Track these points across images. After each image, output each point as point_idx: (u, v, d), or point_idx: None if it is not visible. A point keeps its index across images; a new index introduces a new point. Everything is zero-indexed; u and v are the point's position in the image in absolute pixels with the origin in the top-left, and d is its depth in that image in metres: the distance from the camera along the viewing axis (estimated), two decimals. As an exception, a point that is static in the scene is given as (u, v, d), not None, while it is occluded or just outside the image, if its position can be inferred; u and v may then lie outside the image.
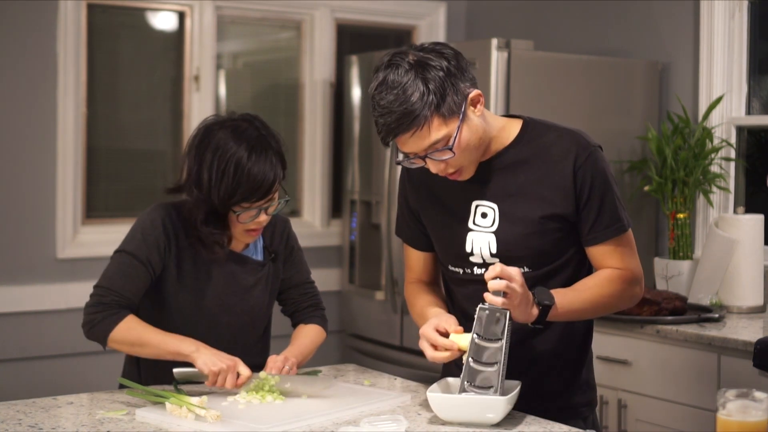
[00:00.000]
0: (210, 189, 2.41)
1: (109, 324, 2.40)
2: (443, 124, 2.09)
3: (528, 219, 2.20)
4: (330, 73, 4.86)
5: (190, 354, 2.35)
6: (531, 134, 2.24)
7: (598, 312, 2.27)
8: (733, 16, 4.01)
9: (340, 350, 4.72)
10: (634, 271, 2.27)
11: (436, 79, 2.08)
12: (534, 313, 2.12)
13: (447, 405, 2.11)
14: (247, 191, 2.40)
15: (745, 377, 3.09)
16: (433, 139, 2.10)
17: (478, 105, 2.15)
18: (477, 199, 2.24)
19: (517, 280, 2.07)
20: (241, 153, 2.39)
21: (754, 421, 1.68)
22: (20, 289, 4.14)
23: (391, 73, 2.09)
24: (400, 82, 2.07)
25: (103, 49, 4.40)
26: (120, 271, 2.46)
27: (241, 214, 2.44)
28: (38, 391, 3.33)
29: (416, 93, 2.06)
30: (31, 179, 4.17)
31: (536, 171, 2.21)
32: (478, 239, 2.24)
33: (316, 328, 2.68)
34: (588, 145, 2.22)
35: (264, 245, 2.63)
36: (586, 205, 2.20)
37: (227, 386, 2.32)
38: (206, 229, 2.45)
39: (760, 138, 4.07)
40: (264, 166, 2.40)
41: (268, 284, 2.62)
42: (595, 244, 2.23)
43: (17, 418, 2.19)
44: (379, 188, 4.38)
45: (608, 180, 2.22)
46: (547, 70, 4.02)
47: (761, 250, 3.69)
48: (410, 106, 2.06)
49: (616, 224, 2.22)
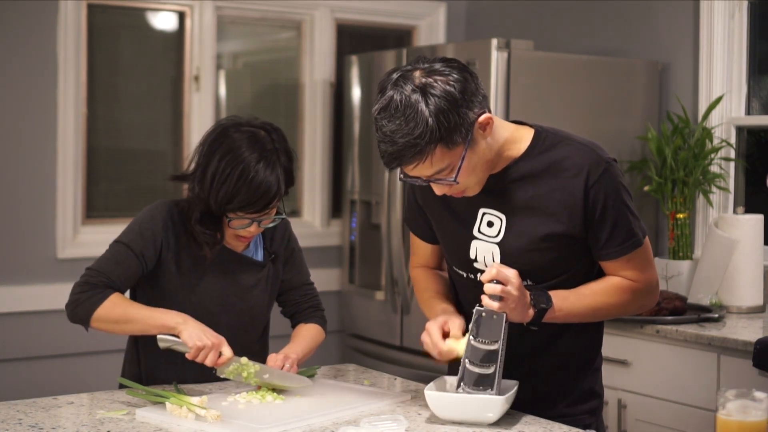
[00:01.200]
0: (210, 189, 2.40)
1: (93, 303, 2.39)
2: (447, 154, 2.02)
3: (532, 235, 2.15)
4: (330, 73, 4.86)
5: (176, 326, 2.34)
6: (543, 146, 2.16)
7: (599, 318, 2.24)
8: (732, 16, 4.01)
9: (340, 350, 4.72)
10: (650, 281, 2.21)
11: (442, 110, 1.99)
12: (530, 314, 2.11)
13: (444, 403, 2.11)
14: (245, 200, 2.39)
15: (745, 377, 3.09)
16: (437, 169, 2.05)
17: (487, 128, 2.07)
18: (484, 206, 2.20)
19: (514, 282, 2.06)
20: (250, 161, 2.38)
21: (753, 421, 1.69)
22: (20, 289, 4.14)
23: (396, 95, 2.00)
24: (404, 112, 1.99)
25: (103, 49, 4.41)
26: (113, 258, 2.46)
27: (234, 221, 2.45)
28: (38, 391, 3.34)
29: (420, 126, 1.98)
30: (31, 179, 4.17)
31: (546, 186, 2.14)
32: (482, 248, 2.20)
33: (316, 328, 2.68)
34: (601, 161, 2.13)
35: (264, 246, 2.63)
36: (600, 224, 2.13)
37: (207, 363, 2.32)
38: (199, 227, 2.46)
39: (760, 138, 4.07)
40: (268, 179, 2.38)
41: (268, 285, 2.62)
42: (609, 260, 2.18)
43: (17, 418, 2.19)
44: (379, 188, 4.38)
45: (622, 197, 2.14)
46: (547, 70, 4.02)
47: (761, 250, 3.69)
48: (413, 140, 1.98)
49: (630, 240, 2.15)
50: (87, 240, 4.28)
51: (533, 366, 2.26)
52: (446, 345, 2.14)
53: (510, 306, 2.07)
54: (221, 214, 2.44)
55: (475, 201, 2.19)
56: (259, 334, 2.66)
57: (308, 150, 4.84)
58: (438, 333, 2.15)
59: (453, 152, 2.03)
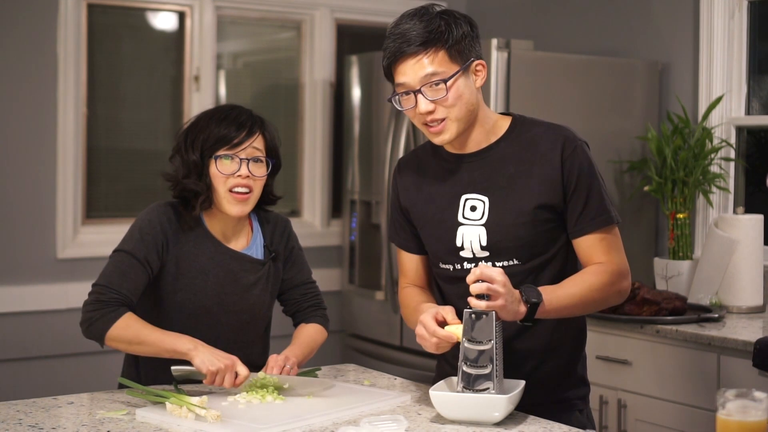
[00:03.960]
0: (186, 148, 2.50)
1: (106, 322, 2.39)
2: (447, 61, 2.18)
3: (518, 210, 2.23)
4: (330, 73, 4.86)
5: (188, 352, 2.34)
6: (520, 129, 2.30)
7: (587, 308, 2.27)
8: (732, 16, 4.02)
9: (340, 350, 4.72)
10: (620, 265, 2.28)
11: (457, 25, 2.20)
12: (522, 311, 2.13)
13: (450, 403, 2.11)
14: (218, 133, 2.47)
15: (745, 377, 3.10)
16: (432, 70, 2.17)
17: (480, 75, 2.24)
18: (466, 192, 2.28)
19: (499, 280, 2.08)
20: (216, 109, 2.54)
21: (753, 421, 1.69)
22: (20, 289, 4.14)
23: (417, 13, 2.20)
24: (422, 18, 2.19)
25: (103, 49, 4.41)
26: (118, 269, 2.45)
27: (220, 162, 2.47)
28: (38, 391, 3.34)
29: (434, 25, 2.17)
30: (31, 179, 4.17)
31: (525, 163, 2.25)
32: (468, 233, 2.26)
33: (318, 328, 2.68)
34: (575, 138, 2.27)
35: (264, 244, 2.63)
36: (573, 196, 2.24)
37: (225, 386, 2.31)
38: (187, 180, 2.50)
39: (760, 138, 4.08)
40: (239, 113, 2.51)
41: (269, 283, 2.62)
42: (582, 234, 2.25)
43: (17, 418, 2.19)
44: (379, 188, 4.39)
45: (594, 172, 2.26)
46: (547, 70, 4.02)
47: (761, 250, 3.69)
48: (424, 31, 2.17)
49: (603, 215, 2.25)
50: (87, 240, 4.28)
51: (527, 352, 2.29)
52: (444, 331, 2.15)
53: (498, 304, 2.08)
54: (205, 161, 2.49)
55: (456, 189, 2.29)
56: (260, 333, 2.65)
57: (308, 150, 4.84)
58: (432, 322, 2.17)
59: (451, 64, 2.19)
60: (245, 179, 2.48)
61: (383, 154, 4.30)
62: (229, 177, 2.47)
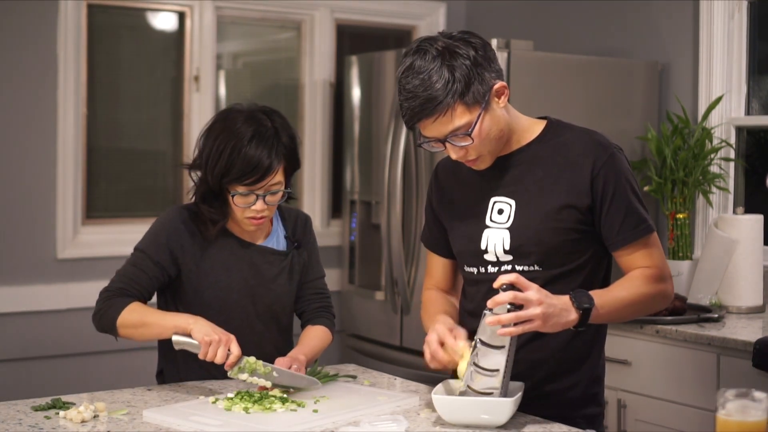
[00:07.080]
0: (207, 166, 2.49)
1: (115, 311, 2.47)
2: (466, 111, 2.13)
3: (542, 212, 2.21)
4: (330, 74, 4.86)
5: (188, 325, 2.39)
6: (552, 133, 2.28)
7: (636, 311, 2.25)
8: (732, 17, 4.02)
9: (340, 350, 4.72)
10: (663, 269, 2.25)
11: (462, 68, 2.11)
12: (572, 318, 2.10)
13: (452, 407, 2.10)
14: (239, 172, 2.44)
15: (745, 377, 3.10)
16: (455, 126, 2.14)
17: (502, 97, 2.19)
18: (494, 195, 2.27)
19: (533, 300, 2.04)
20: (244, 136, 2.46)
21: (753, 421, 1.68)
22: (20, 289, 4.14)
23: (419, 59, 2.13)
24: (427, 68, 2.11)
25: (103, 49, 4.41)
26: (132, 266, 2.55)
27: (237, 197, 2.48)
28: (38, 391, 3.33)
29: (441, 80, 2.10)
30: (31, 179, 4.17)
31: (554, 167, 2.23)
32: (493, 236, 2.25)
33: (323, 330, 2.71)
34: (609, 145, 2.24)
35: (285, 235, 2.68)
36: (610, 210, 2.20)
37: (217, 360, 2.34)
38: (203, 206, 2.53)
39: (760, 138, 4.08)
40: (262, 152, 2.45)
41: (292, 273, 2.67)
42: (624, 245, 2.22)
43: (17, 418, 2.19)
44: (379, 188, 4.38)
45: (630, 182, 2.23)
46: (547, 70, 4.02)
47: (760, 250, 3.69)
48: (434, 92, 2.10)
49: (642, 225, 2.22)
50: (87, 240, 4.28)
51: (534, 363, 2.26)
52: (444, 355, 2.14)
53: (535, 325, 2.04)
54: (220, 190, 2.50)
55: (486, 192, 2.28)
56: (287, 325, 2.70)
57: (308, 150, 4.84)
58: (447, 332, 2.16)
59: (471, 111, 2.13)
60: (260, 210, 2.51)
61: (383, 154, 4.30)
62: (245, 209, 2.51)
